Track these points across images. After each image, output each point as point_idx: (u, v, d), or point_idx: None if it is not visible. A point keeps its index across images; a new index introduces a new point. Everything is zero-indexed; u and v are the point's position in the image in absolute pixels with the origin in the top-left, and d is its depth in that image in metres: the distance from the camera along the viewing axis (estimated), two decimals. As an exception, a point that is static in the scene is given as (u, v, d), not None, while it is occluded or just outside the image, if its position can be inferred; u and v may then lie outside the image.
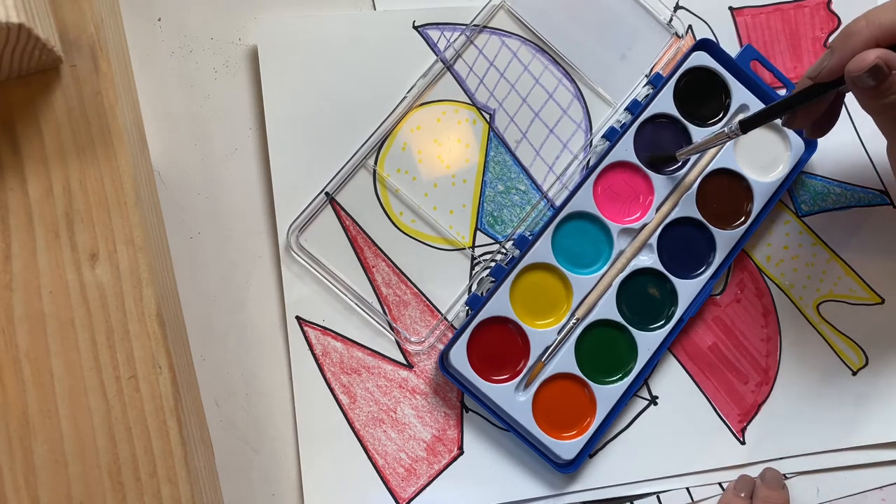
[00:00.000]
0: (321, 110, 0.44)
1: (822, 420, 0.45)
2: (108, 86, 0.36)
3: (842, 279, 0.46)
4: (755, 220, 0.45)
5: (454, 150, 0.45)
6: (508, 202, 0.45)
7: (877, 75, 0.32)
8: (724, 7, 0.48)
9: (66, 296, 0.34)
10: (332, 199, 0.44)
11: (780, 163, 0.45)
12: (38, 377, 0.33)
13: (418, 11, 0.46)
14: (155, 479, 0.33)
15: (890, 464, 0.45)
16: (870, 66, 0.32)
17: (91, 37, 0.36)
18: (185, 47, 0.45)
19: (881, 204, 0.47)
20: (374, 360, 0.43)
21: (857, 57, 0.33)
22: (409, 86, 0.45)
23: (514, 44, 0.46)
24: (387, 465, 0.43)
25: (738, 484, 0.43)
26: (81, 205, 0.34)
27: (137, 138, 0.40)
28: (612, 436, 0.44)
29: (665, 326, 0.43)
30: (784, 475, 0.44)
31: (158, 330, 0.34)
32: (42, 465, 0.33)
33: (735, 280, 0.46)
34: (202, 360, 0.43)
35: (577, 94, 0.46)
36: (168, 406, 0.34)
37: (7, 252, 0.33)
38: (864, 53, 0.32)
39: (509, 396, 0.42)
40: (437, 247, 0.44)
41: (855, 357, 0.46)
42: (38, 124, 0.34)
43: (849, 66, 0.33)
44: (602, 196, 0.44)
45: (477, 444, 0.43)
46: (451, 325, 0.44)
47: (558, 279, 0.43)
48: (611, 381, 0.43)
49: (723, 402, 0.45)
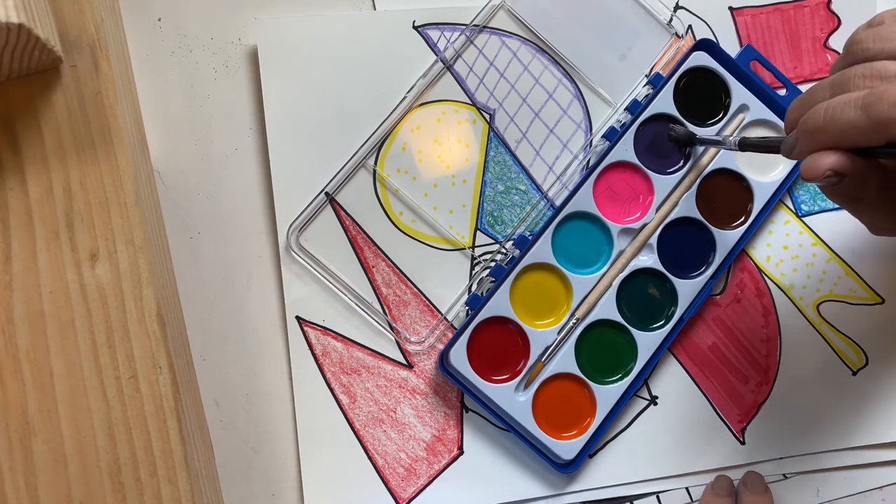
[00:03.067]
0: (321, 110, 0.44)
1: (822, 420, 0.45)
2: (108, 86, 0.36)
3: (842, 279, 0.46)
4: (755, 220, 0.45)
5: (454, 150, 0.45)
6: (508, 202, 0.45)
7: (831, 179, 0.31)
8: (724, 7, 0.48)
9: (66, 296, 0.34)
10: (332, 199, 0.44)
11: (780, 163, 0.45)
12: (38, 377, 0.33)
13: (418, 11, 0.46)
14: (155, 479, 0.33)
15: (890, 464, 0.45)
16: (821, 175, 0.30)
17: (91, 37, 0.36)
18: (185, 47, 0.45)
19: (881, 204, 0.47)
20: (374, 360, 0.43)
21: (809, 162, 0.31)
22: (409, 86, 0.45)
23: (514, 44, 0.46)
24: (387, 465, 0.43)
25: (715, 484, 0.43)
26: (81, 205, 0.34)
27: (137, 138, 0.40)
28: (612, 436, 0.44)
29: (665, 326, 0.43)
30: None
31: (158, 330, 0.34)
32: (42, 465, 0.33)
33: (735, 280, 0.46)
34: (202, 360, 0.43)
35: (577, 94, 0.46)
36: (168, 406, 0.34)
37: (7, 252, 0.33)
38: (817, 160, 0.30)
39: (509, 396, 0.42)
40: (437, 247, 0.44)
41: (855, 357, 0.46)
42: (38, 124, 0.35)
43: (801, 170, 0.31)
44: (602, 196, 0.44)
45: (477, 444, 0.43)
46: (451, 325, 0.44)
47: (558, 279, 0.43)
48: (611, 381, 0.43)
49: (723, 402, 0.45)
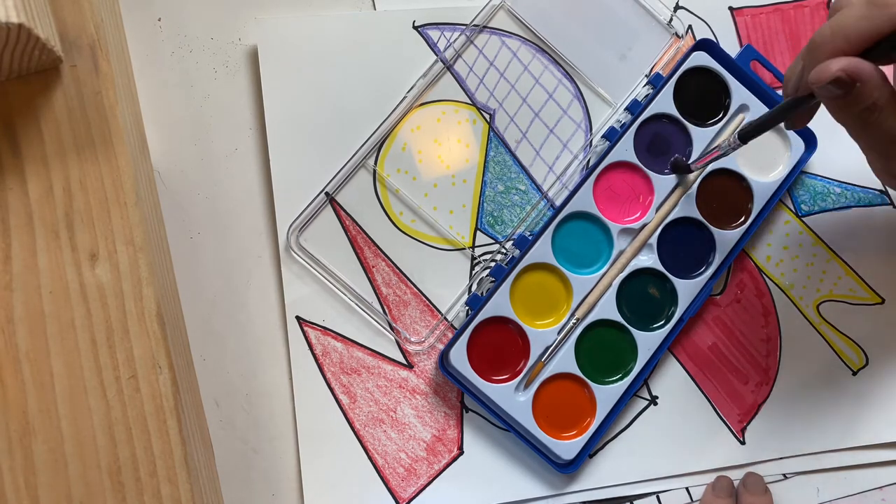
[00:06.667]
0: (321, 110, 0.44)
1: (821, 420, 0.45)
2: (108, 86, 0.36)
3: (842, 279, 0.46)
4: (755, 220, 0.45)
5: (454, 150, 0.45)
6: (508, 202, 0.45)
7: (842, 86, 0.30)
8: (724, 7, 0.48)
9: (66, 296, 0.34)
10: (332, 199, 0.44)
11: (780, 163, 0.45)
12: (38, 377, 0.33)
13: (418, 11, 0.46)
14: (155, 479, 0.33)
15: (890, 464, 0.45)
16: (831, 78, 0.30)
17: (91, 37, 0.36)
18: (185, 47, 0.45)
19: (881, 204, 0.47)
20: (374, 360, 0.43)
21: (819, 68, 0.31)
22: (409, 86, 0.45)
23: (514, 44, 0.46)
24: (387, 465, 0.43)
25: (716, 484, 0.43)
26: (81, 205, 0.34)
27: (137, 138, 0.40)
28: (612, 436, 0.44)
29: (665, 326, 0.43)
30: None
31: (158, 330, 0.34)
32: (42, 465, 0.33)
33: (735, 280, 0.46)
34: (202, 360, 0.43)
35: (577, 94, 0.46)
36: (168, 406, 0.34)
37: (7, 252, 0.33)
38: (826, 64, 0.31)
39: (509, 396, 0.42)
40: (437, 247, 0.44)
41: (855, 357, 0.46)
42: (38, 124, 0.34)
43: (811, 76, 0.31)
44: (602, 196, 0.44)
45: (477, 444, 0.43)
46: (451, 325, 0.44)
47: (558, 279, 0.43)
48: (611, 381, 0.43)
49: (723, 402, 0.45)
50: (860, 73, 0.30)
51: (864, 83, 0.30)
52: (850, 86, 0.30)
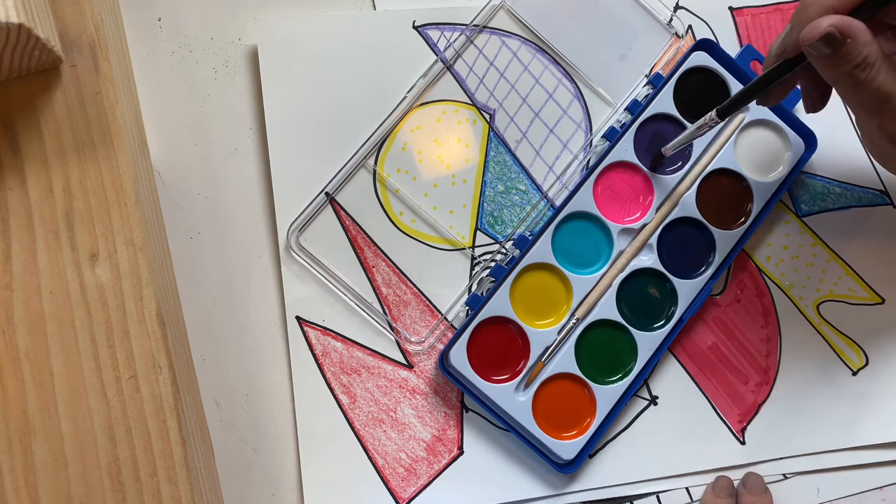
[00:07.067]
0: (321, 110, 0.44)
1: (821, 420, 0.45)
2: (108, 86, 0.36)
3: (842, 279, 0.46)
4: (755, 220, 0.45)
5: (454, 150, 0.45)
6: (508, 202, 0.45)
7: (831, 44, 0.31)
8: (724, 7, 0.48)
9: (66, 296, 0.34)
10: (332, 199, 0.44)
11: (780, 163, 0.45)
12: (38, 377, 0.33)
13: (418, 11, 0.46)
14: (155, 479, 0.33)
15: (890, 464, 0.45)
16: (822, 34, 0.31)
17: (91, 37, 0.36)
18: (185, 47, 0.45)
19: (881, 204, 0.47)
20: (374, 360, 0.43)
21: (809, 25, 0.32)
22: (409, 86, 0.45)
23: (514, 44, 0.46)
24: (387, 465, 0.43)
25: (716, 484, 0.43)
26: (81, 205, 0.34)
27: (137, 138, 0.40)
28: (612, 436, 0.44)
29: (665, 326, 0.43)
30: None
31: (158, 330, 0.34)
32: (42, 465, 0.33)
33: (735, 280, 0.46)
34: (202, 360, 0.43)
35: (577, 94, 0.46)
36: (168, 406, 0.34)
37: (7, 252, 0.33)
38: (816, 21, 0.31)
39: (509, 396, 0.42)
40: (437, 247, 0.44)
41: (855, 357, 0.46)
42: (38, 124, 0.35)
43: (802, 34, 0.32)
44: (602, 196, 0.44)
45: (477, 444, 0.43)
46: (451, 325, 0.44)
47: (558, 279, 0.43)
48: (611, 381, 0.43)
49: (723, 402, 0.45)
50: (851, 29, 0.31)
51: (854, 39, 0.31)
52: (840, 43, 0.31)
